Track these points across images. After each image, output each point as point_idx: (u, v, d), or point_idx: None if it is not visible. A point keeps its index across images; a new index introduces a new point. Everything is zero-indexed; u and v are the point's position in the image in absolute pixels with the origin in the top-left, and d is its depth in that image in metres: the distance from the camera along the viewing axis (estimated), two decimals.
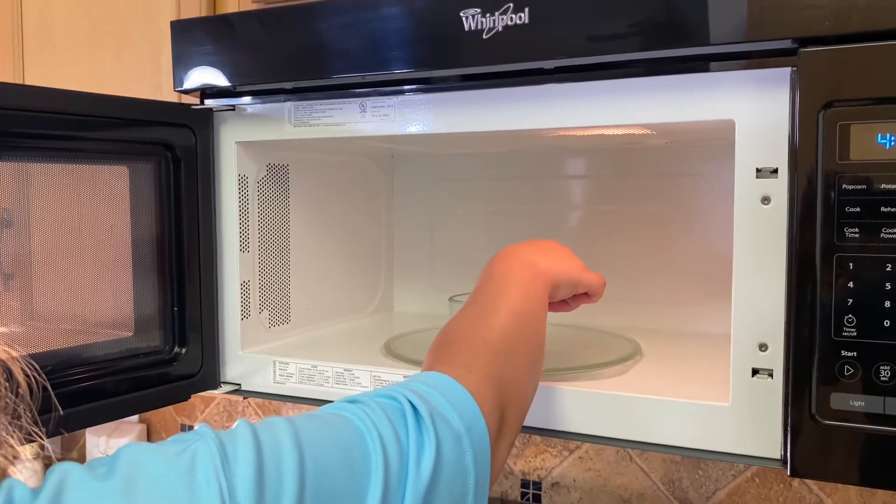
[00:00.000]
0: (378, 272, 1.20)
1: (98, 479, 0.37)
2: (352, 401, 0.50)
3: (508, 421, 0.57)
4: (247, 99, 0.87)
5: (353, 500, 0.43)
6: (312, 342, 0.98)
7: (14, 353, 0.41)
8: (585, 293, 0.75)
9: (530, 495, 1.17)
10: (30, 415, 0.42)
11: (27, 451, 1.49)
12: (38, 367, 0.42)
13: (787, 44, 0.61)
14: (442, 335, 0.64)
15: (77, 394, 0.75)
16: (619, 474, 1.11)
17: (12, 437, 0.39)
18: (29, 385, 0.42)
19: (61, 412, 0.62)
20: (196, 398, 1.44)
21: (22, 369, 0.42)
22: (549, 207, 1.13)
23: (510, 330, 0.62)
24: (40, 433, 0.43)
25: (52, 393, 0.46)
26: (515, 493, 1.18)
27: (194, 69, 0.85)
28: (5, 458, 0.38)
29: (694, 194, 1.03)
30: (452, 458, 0.49)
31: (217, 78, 0.84)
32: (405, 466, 0.46)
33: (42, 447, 1.54)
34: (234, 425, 0.44)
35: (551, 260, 0.71)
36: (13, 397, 0.41)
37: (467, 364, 0.57)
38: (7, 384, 0.40)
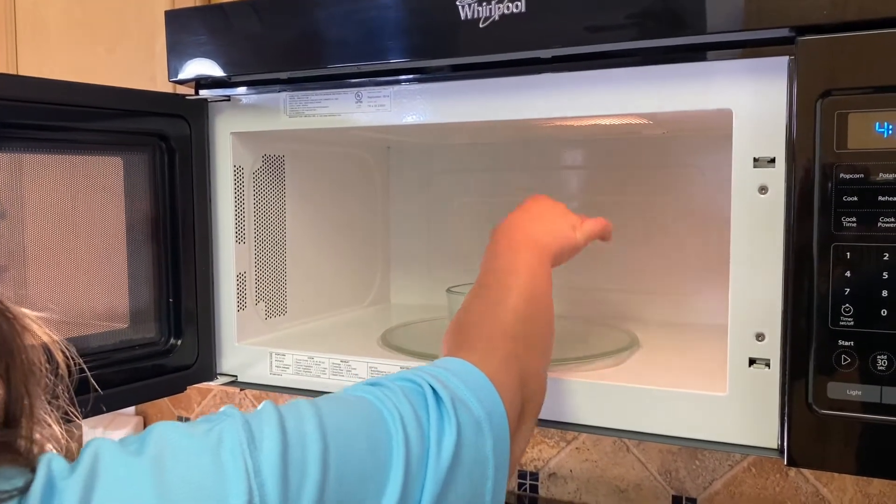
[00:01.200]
0: (375, 263, 1.20)
1: (130, 454, 0.38)
2: (373, 383, 0.51)
3: (528, 406, 0.58)
4: (242, 89, 0.86)
5: (376, 482, 0.44)
6: (309, 333, 0.98)
7: (55, 337, 0.43)
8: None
9: (527, 486, 1.17)
10: (67, 395, 0.44)
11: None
12: (76, 351, 0.44)
13: (784, 32, 0.60)
14: (458, 321, 0.65)
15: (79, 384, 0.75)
16: (616, 465, 1.11)
17: (49, 416, 0.41)
18: (68, 367, 0.44)
19: (101, 392, 0.63)
20: (192, 390, 1.44)
21: (62, 351, 0.43)
22: None
23: (523, 314, 0.63)
24: (76, 413, 0.45)
25: (90, 375, 0.47)
26: (513, 485, 1.18)
27: (189, 59, 0.85)
28: (42, 435, 0.39)
29: (692, 184, 1.03)
30: (472, 443, 0.49)
31: (212, 68, 0.83)
32: (426, 449, 0.47)
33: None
34: (259, 406, 0.45)
35: (549, 229, 0.72)
36: (52, 378, 0.42)
37: (486, 349, 0.58)
38: (48, 366, 0.42)
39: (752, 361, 0.65)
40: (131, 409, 1.52)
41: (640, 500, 1.10)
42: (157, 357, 0.82)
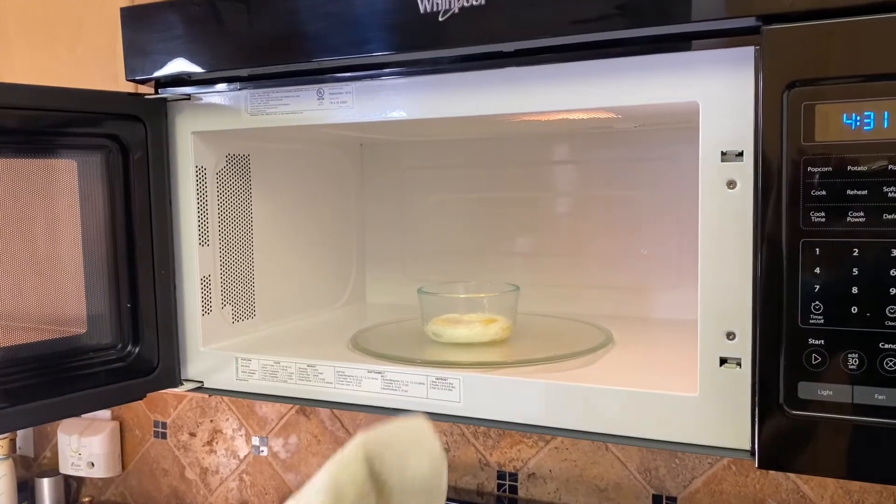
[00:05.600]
0: (349, 263, 1.18)
1: None
2: None
3: None
4: (202, 87, 0.84)
5: None
6: (279, 337, 0.96)
7: None
8: None
9: (507, 486, 1.16)
10: None
11: None
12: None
13: (750, 22, 0.59)
14: None
15: (28, 390, 0.73)
16: (595, 464, 1.09)
17: None
18: None
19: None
20: (168, 395, 1.42)
21: None
22: (520, 194, 1.10)
23: None
24: None
25: None
26: (492, 486, 1.16)
27: (146, 57, 0.82)
28: None
29: (667, 178, 1.01)
30: None
31: (170, 66, 0.81)
32: None
33: (14, 446, 1.51)
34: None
35: None
36: None
37: None
38: None
39: (722, 361, 0.63)
40: (107, 413, 1.50)
41: (620, 500, 1.08)
42: (115, 363, 0.80)
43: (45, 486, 1.50)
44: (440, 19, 0.67)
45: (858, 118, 0.54)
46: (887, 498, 0.94)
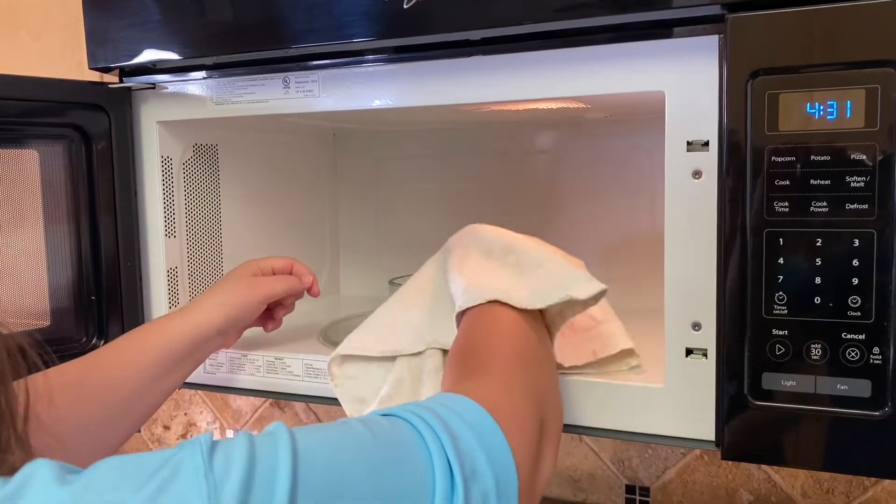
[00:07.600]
0: (322, 254, 1.17)
1: (61, 483, 0.34)
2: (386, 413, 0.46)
3: (548, 427, 0.53)
4: (167, 76, 0.83)
5: None
6: (249, 329, 0.94)
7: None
8: None
9: None
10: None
11: None
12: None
13: (715, 9, 0.58)
14: (459, 349, 0.60)
15: None
16: (569, 454, 1.09)
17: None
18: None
19: None
20: None
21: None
22: (496, 184, 1.10)
23: (525, 327, 0.61)
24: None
25: None
26: None
27: (110, 46, 0.81)
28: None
29: (640, 168, 1.01)
30: None
31: (134, 55, 0.79)
32: None
33: None
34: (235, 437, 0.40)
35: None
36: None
37: (497, 376, 0.53)
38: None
39: (689, 351, 0.63)
40: None
41: (593, 490, 1.08)
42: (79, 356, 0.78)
43: None
44: (405, 6, 0.66)
45: (822, 107, 0.54)
46: (857, 486, 0.94)
